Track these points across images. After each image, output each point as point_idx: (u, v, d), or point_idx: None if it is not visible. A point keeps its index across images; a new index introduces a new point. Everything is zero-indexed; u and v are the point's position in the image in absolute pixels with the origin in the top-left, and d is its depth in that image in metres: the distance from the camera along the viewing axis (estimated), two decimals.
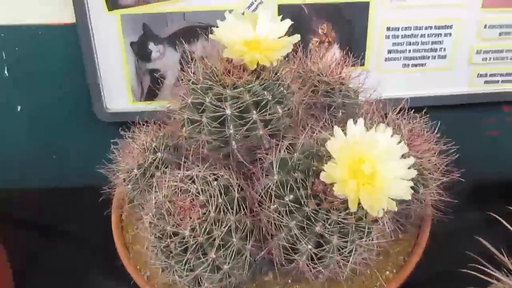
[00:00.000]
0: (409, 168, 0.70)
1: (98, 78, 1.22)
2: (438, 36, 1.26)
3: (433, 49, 1.27)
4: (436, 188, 0.87)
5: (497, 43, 1.28)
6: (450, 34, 1.25)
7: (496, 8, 1.24)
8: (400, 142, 0.71)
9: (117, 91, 1.26)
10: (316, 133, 0.79)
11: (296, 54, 0.97)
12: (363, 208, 0.67)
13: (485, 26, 1.25)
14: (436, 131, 0.90)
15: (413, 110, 0.91)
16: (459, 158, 0.89)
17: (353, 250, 0.74)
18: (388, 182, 0.69)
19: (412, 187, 0.68)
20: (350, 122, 0.70)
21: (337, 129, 0.70)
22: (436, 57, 1.28)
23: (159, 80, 1.24)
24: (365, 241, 0.75)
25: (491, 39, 1.27)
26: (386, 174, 0.69)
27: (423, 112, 0.92)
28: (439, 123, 0.91)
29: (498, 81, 1.34)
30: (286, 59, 0.93)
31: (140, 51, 1.21)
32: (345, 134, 0.70)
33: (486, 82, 1.33)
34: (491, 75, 1.33)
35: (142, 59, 1.22)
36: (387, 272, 0.91)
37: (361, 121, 0.70)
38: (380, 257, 0.86)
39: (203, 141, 0.81)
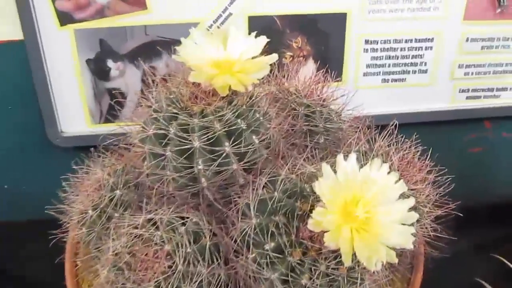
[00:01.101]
0: (409, 210, 0.58)
1: (51, 100, 1.08)
2: (419, 49, 1.17)
3: (413, 63, 1.18)
4: (429, 223, 0.75)
5: (479, 57, 1.20)
6: (431, 48, 1.16)
7: (478, 21, 1.15)
8: (398, 180, 0.59)
9: (73, 113, 1.12)
10: (299, 167, 0.67)
11: (272, 73, 0.85)
12: (355, 256, 0.55)
13: (467, 40, 1.17)
14: (428, 157, 0.79)
15: (396, 131, 0.80)
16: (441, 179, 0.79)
17: None
18: (385, 228, 0.57)
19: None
20: (340, 158, 0.59)
21: (325, 167, 0.58)
22: (417, 71, 1.19)
23: (119, 101, 1.11)
24: None
25: (473, 53, 1.19)
26: (383, 218, 0.58)
27: (414, 137, 0.80)
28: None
29: (480, 96, 1.26)
30: (262, 79, 0.81)
31: (98, 68, 1.07)
32: (334, 171, 0.58)
33: (468, 97, 1.25)
34: (473, 90, 1.24)
35: (100, 78, 1.09)
36: None
37: (353, 156, 0.59)
38: None
39: (168, 178, 0.68)
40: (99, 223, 0.74)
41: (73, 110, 1.13)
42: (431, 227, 0.79)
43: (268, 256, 0.62)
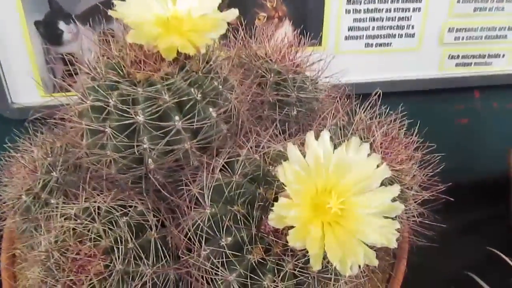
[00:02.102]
0: (393, 200, 0.47)
1: None
2: (406, 11, 1.04)
3: (399, 26, 1.05)
4: (415, 207, 0.64)
5: (471, 20, 1.07)
6: (419, 9, 1.04)
7: None
8: (380, 164, 0.47)
9: (24, 83, 0.98)
10: (264, 145, 0.55)
11: (237, 34, 0.72)
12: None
13: (458, 1, 1.03)
14: (416, 132, 0.67)
15: (379, 102, 0.68)
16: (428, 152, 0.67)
17: None
18: (364, 222, 0.46)
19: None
20: (310, 137, 0.46)
21: (291, 148, 0.46)
22: (403, 35, 1.06)
23: (74, 68, 0.96)
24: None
25: (465, 15, 1.06)
26: (361, 211, 0.46)
27: (399, 109, 0.68)
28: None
29: (471, 63, 1.14)
30: (223, 42, 0.67)
31: (48, 32, 0.93)
32: (302, 153, 0.46)
33: (457, 64, 1.13)
34: (463, 56, 1.13)
35: (52, 42, 0.94)
36: None
37: (325, 135, 0.46)
38: None
39: (108, 159, 0.56)
40: (34, 211, 0.61)
41: (24, 79, 0.99)
42: (417, 211, 0.67)
43: (224, 254, 0.50)
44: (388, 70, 1.10)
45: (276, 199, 0.50)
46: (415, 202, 0.67)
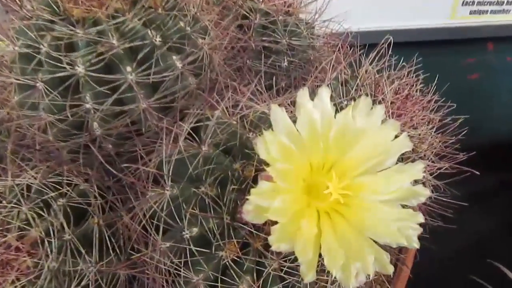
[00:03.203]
0: (414, 182, 0.33)
1: None
2: None
3: None
4: (431, 180, 0.51)
5: None
6: None
7: None
8: (399, 133, 0.33)
9: None
10: (243, 106, 0.41)
11: None
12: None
13: None
14: (433, 89, 0.53)
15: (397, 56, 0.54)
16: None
17: None
18: (376, 213, 0.32)
19: None
20: (302, 95, 0.32)
21: (276, 111, 0.32)
22: None
23: None
24: None
25: None
26: (372, 197, 0.32)
27: (414, 61, 0.54)
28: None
29: (487, 11, 0.98)
30: None
31: None
32: (292, 118, 0.32)
33: (472, 12, 0.98)
34: (478, 3, 0.97)
35: None
36: None
37: (324, 93, 0.32)
38: None
39: (41, 122, 0.42)
40: None
41: None
42: (431, 186, 0.54)
43: (188, 250, 0.37)
44: (395, 17, 0.94)
45: (256, 179, 0.36)
46: (430, 174, 0.53)
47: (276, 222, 0.31)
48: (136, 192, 0.41)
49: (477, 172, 0.53)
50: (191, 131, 0.41)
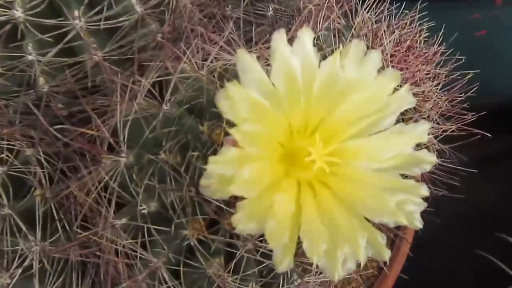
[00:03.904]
0: (417, 146, 0.27)
1: None
2: None
3: None
4: (435, 144, 0.44)
5: None
6: None
7: None
8: (399, 85, 0.26)
9: None
10: (214, 57, 0.34)
11: None
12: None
13: None
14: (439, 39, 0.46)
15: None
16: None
17: None
18: (370, 185, 0.26)
19: None
20: (277, 38, 0.25)
21: (245, 58, 0.25)
22: None
23: None
24: (314, 277, 0.33)
25: None
26: (365, 165, 0.26)
27: (417, 7, 0.46)
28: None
29: None
30: None
31: None
32: (265, 67, 0.25)
33: None
34: None
35: None
36: None
37: (305, 35, 0.25)
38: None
39: None
40: None
41: None
42: (436, 151, 0.48)
43: (146, 229, 0.31)
44: None
45: None
46: (435, 137, 0.47)
47: (243, 198, 0.24)
48: (88, 160, 0.34)
49: (489, 134, 0.46)
50: (151, 88, 0.34)
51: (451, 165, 0.46)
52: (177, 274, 0.32)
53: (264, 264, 0.32)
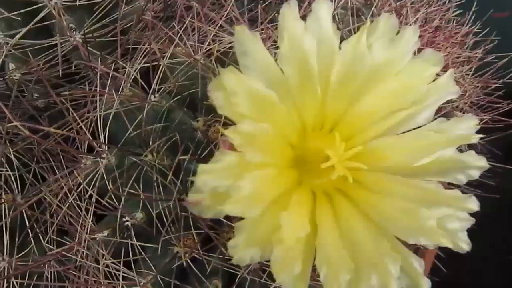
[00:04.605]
0: (459, 148, 0.21)
1: None
2: None
3: None
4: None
5: None
6: None
7: None
8: (437, 69, 0.20)
9: None
10: (212, 39, 0.28)
11: None
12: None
13: None
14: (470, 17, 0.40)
15: None
16: None
17: None
18: (403, 195, 0.20)
19: None
20: (288, 9, 0.19)
21: (245, 37, 0.19)
22: None
23: None
24: None
25: None
26: (397, 171, 0.20)
27: None
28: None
29: None
30: None
31: None
32: (272, 51, 0.20)
33: None
34: None
35: None
36: None
37: (322, 8, 0.19)
38: None
39: None
40: None
41: None
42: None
43: (130, 244, 0.26)
44: None
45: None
46: None
47: (242, 218, 0.19)
48: (63, 161, 0.29)
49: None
50: (137, 76, 0.29)
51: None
52: None
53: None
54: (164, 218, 0.26)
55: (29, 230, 0.31)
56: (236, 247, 0.18)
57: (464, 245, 0.21)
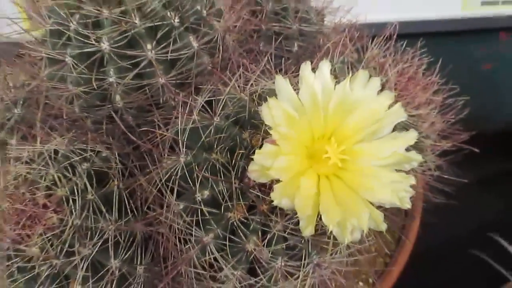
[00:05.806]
0: (408, 149, 0.36)
1: None
2: None
3: None
4: (432, 159, 0.53)
5: None
6: None
7: None
8: (394, 103, 0.36)
9: None
10: (253, 82, 0.44)
11: None
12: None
13: None
14: (437, 72, 0.55)
15: (403, 42, 0.56)
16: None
17: (310, 273, 0.41)
18: (371, 176, 0.35)
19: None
20: (305, 68, 0.35)
21: (280, 81, 0.35)
22: None
23: None
24: (330, 257, 0.42)
25: None
26: (368, 162, 0.35)
27: (419, 45, 0.56)
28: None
29: (498, 1, 0.98)
30: None
31: None
32: (296, 89, 0.35)
33: (483, 3, 0.98)
34: None
35: None
36: (361, 284, 0.59)
37: (325, 66, 0.35)
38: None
39: (69, 94, 0.45)
40: None
41: None
42: (434, 164, 0.57)
43: (199, 211, 0.40)
44: (408, 9, 0.96)
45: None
46: (432, 153, 0.56)
47: (278, 181, 0.34)
48: (154, 159, 0.44)
49: (476, 150, 0.55)
50: (204, 105, 0.44)
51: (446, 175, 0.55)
52: (222, 249, 0.41)
53: (290, 241, 0.41)
54: (224, 194, 0.40)
55: (127, 207, 0.45)
56: (276, 197, 0.33)
57: (407, 204, 0.35)
